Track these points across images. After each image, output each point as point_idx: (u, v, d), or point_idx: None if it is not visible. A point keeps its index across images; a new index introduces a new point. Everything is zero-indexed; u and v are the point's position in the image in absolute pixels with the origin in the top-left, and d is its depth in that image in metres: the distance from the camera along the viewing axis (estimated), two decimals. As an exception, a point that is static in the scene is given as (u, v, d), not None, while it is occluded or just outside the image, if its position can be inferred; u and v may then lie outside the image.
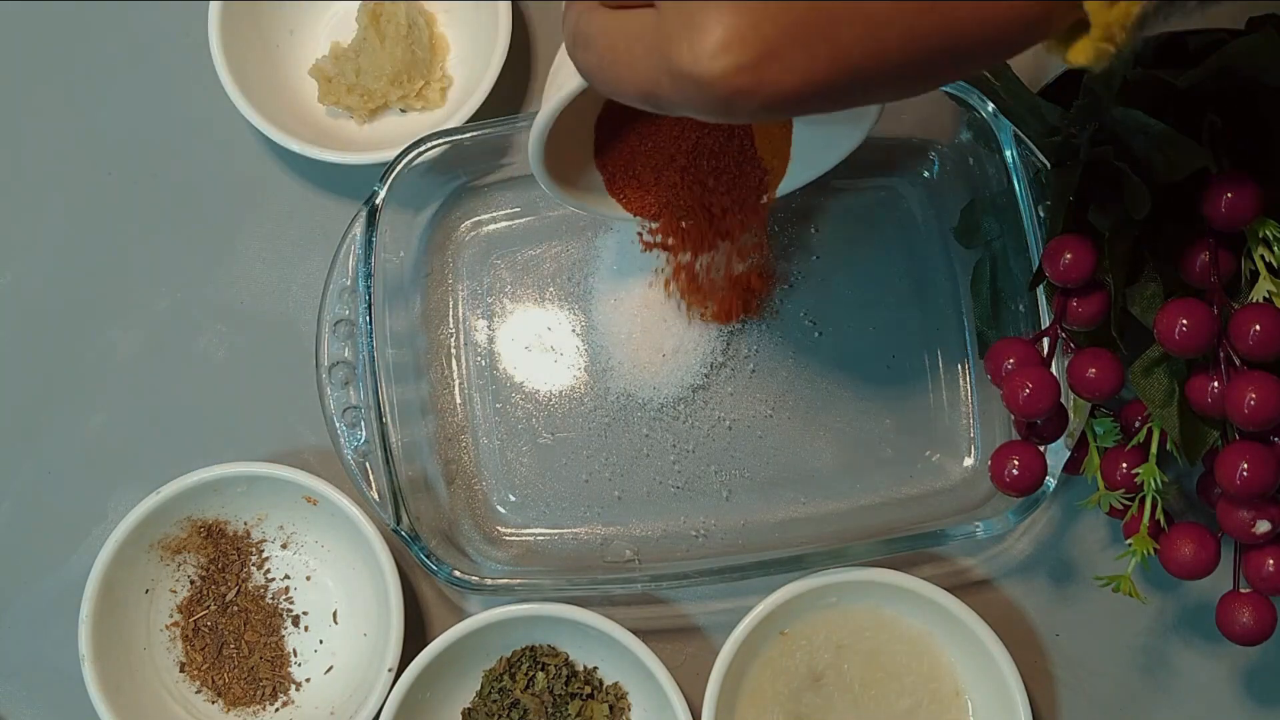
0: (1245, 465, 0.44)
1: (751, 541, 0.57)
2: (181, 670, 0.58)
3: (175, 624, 0.58)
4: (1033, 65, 0.56)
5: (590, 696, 0.55)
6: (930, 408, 0.58)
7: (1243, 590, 0.48)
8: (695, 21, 0.29)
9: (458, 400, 0.59)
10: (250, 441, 0.61)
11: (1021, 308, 0.54)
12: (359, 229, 0.55)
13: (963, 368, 0.59)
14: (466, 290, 0.60)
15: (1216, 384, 0.46)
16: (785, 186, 0.53)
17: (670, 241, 0.54)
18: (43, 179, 0.65)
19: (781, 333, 0.59)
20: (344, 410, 0.54)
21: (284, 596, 0.59)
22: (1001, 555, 0.58)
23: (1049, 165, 0.53)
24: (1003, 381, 0.49)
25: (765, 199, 0.53)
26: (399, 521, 0.53)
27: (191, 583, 0.58)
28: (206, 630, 0.58)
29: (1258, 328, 0.44)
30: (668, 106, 0.32)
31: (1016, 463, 0.49)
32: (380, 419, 0.54)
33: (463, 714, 0.56)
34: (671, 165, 0.51)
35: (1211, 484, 0.51)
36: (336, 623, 0.58)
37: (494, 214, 0.61)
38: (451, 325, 0.60)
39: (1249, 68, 0.45)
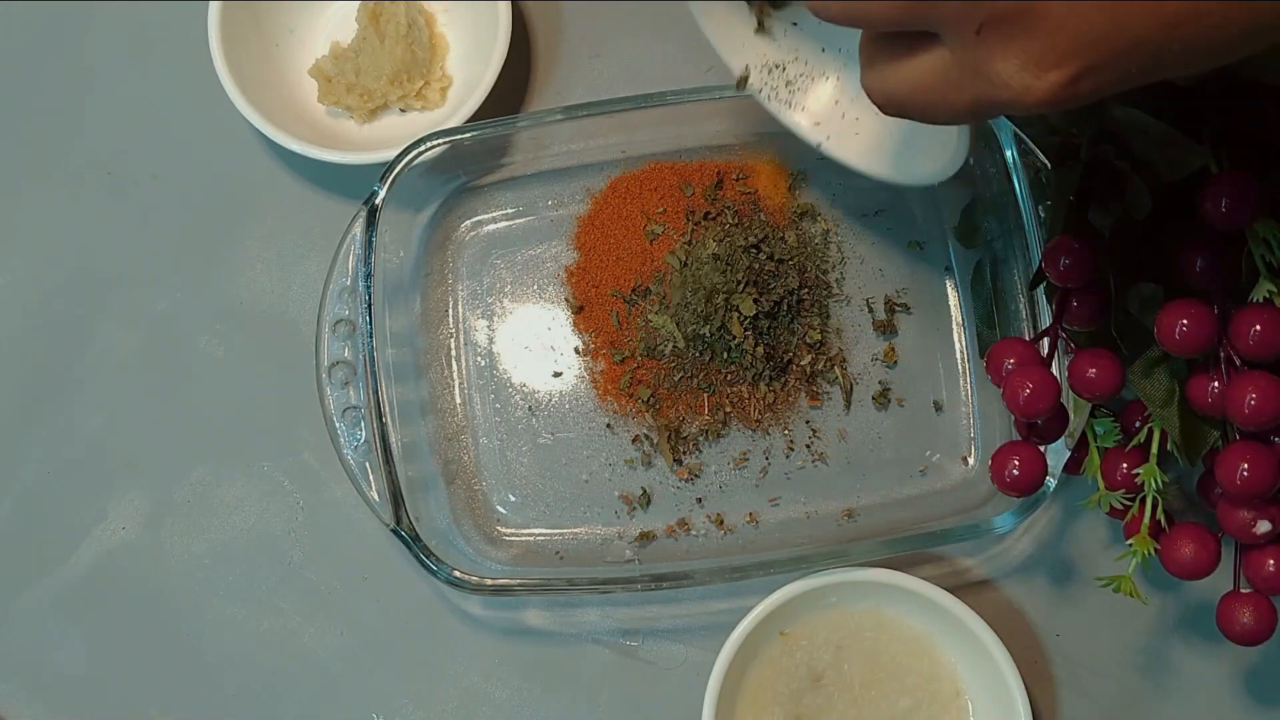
0: (1245, 465, 0.44)
1: (751, 541, 0.57)
2: None
3: None
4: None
5: None
6: (930, 408, 0.58)
7: (1243, 590, 0.48)
8: (1009, 63, 0.33)
9: (458, 400, 0.59)
10: (250, 441, 0.61)
11: (1021, 308, 0.54)
12: (359, 229, 0.55)
13: (963, 368, 0.59)
14: (466, 290, 0.60)
15: (1217, 384, 0.46)
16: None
17: None
18: (43, 179, 0.65)
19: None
20: (344, 410, 0.54)
21: None
22: (1001, 555, 0.58)
23: (1049, 165, 0.52)
24: (1003, 381, 0.49)
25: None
26: (399, 521, 0.53)
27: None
28: None
29: (1258, 328, 0.44)
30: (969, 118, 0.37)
31: (1017, 463, 0.49)
32: (380, 419, 0.54)
33: None
34: None
35: (1212, 484, 0.51)
36: None
37: (494, 214, 0.61)
38: (451, 325, 0.60)
39: (1249, 68, 0.45)
